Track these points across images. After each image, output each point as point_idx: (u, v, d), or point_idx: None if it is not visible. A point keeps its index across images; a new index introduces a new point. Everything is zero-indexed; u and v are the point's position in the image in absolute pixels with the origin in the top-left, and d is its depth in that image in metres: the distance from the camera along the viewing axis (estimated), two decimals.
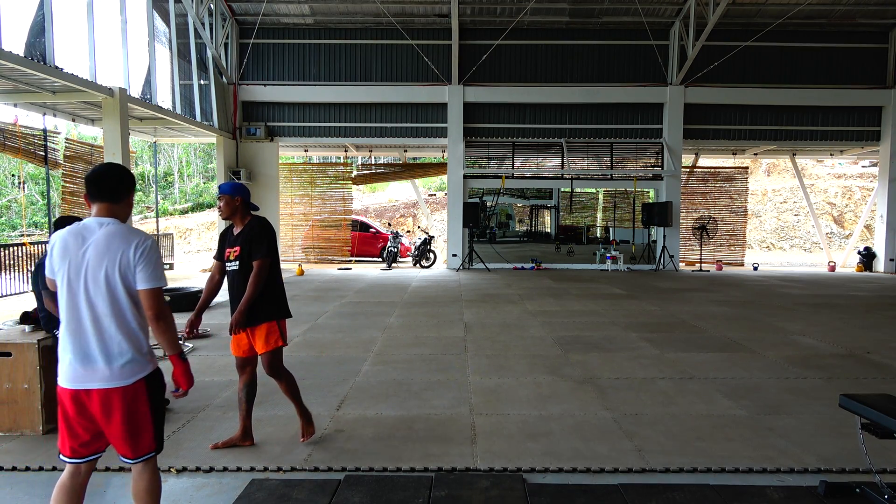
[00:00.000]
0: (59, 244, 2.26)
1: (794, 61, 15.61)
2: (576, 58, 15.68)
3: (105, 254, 2.23)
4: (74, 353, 2.22)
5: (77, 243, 2.24)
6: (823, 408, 4.39)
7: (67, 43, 9.97)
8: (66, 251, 2.24)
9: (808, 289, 11.78)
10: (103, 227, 2.27)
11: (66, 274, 2.24)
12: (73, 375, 2.21)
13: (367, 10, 14.84)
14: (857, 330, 7.47)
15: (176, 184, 35.06)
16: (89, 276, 2.22)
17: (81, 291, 2.23)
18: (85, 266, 2.22)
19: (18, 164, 17.96)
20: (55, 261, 2.26)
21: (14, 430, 3.84)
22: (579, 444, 3.70)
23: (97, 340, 2.22)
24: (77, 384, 2.21)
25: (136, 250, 2.25)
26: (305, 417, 3.74)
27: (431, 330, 7.34)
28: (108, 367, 2.22)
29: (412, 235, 22.37)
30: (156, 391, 2.35)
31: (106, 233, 2.26)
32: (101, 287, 2.23)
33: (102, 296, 2.23)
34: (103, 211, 2.31)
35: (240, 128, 15.61)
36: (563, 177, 15.99)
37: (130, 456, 2.28)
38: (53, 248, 2.27)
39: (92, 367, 2.21)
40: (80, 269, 2.23)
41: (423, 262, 16.42)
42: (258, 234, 3.47)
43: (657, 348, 6.31)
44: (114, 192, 2.33)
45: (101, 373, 2.21)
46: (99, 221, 2.29)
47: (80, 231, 2.27)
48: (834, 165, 28.69)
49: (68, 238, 2.26)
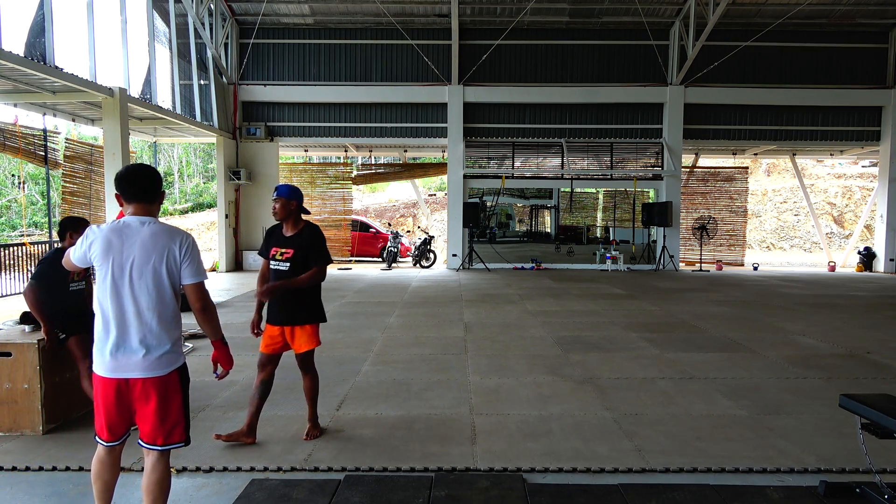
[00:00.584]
0: (102, 242, 2.36)
1: (794, 61, 15.61)
2: (576, 58, 15.67)
3: (152, 251, 2.36)
4: (116, 344, 2.34)
5: (120, 241, 2.36)
6: (823, 408, 4.39)
7: (67, 43, 9.99)
8: (109, 249, 2.35)
9: (808, 289, 11.78)
10: (146, 226, 2.40)
11: (111, 270, 2.34)
12: (114, 365, 2.34)
13: (367, 10, 14.84)
14: (857, 330, 7.47)
15: (176, 184, 35.05)
16: (135, 272, 2.35)
17: (126, 286, 2.35)
18: (130, 262, 2.35)
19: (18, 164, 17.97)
20: (95, 258, 2.36)
21: (14, 430, 3.84)
22: (579, 444, 3.70)
23: (139, 332, 2.35)
24: (117, 373, 2.34)
25: (181, 247, 2.42)
26: (314, 421, 3.85)
27: (431, 330, 7.34)
28: (147, 358, 2.36)
29: (412, 235, 22.37)
30: (186, 382, 2.55)
31: (151, 231, 2.39)
32: (148, 282, 2.36)
33: (147, 290, 2.36)
34: (140, 210, 2.43)
35: (240, 128, 15.61)
36: (563, 177, 15.99)
37: (161, 443, 2.41)
38: (93, 244, 2.37)
39: (132, 358, 2.34)
40: (124, 265, 2.34)
41: (423, 262, 16.42)
42: (319, 244, 3.68)
43: (657, 348, 6.31)
44: (149, 192, 2.46)
45: (141, 363, 2.35)
46: (140, 220, 2.41)
47: (121, 229, 2.38)
48: (834, 165, 28.68)
49: (110, 236, 2.36)
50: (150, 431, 2.40)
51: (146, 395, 2.37)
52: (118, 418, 2.40)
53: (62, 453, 3.51)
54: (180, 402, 2.48)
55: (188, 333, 6.82)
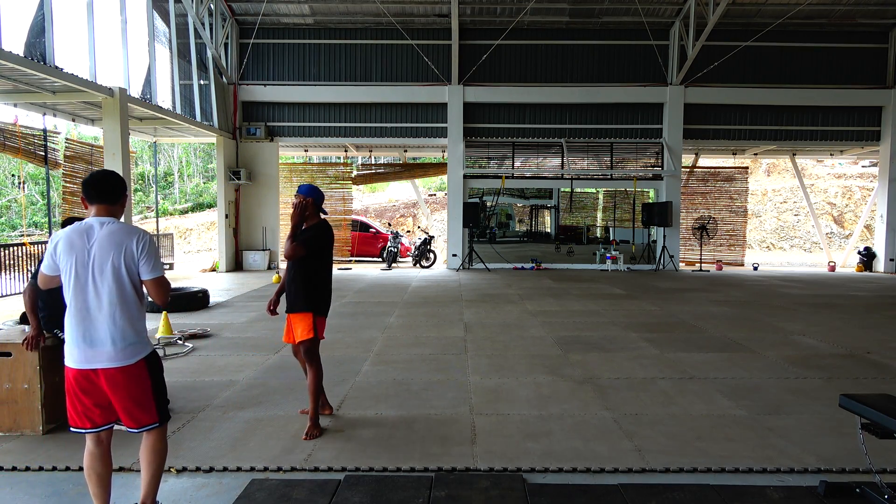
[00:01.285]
0: (65, 241, 2.52)
1: (794, 61, 15.61)
2: (576, 58, 15.67)
3: (110, 248, 2.52)
4: (83, 337, 2.51)
5: (82, 240, 2.52)
6: (823, 408, 4.39)
7: (67, 43, 10.00)
8: (72, 247, 2.51)
9: (808, 289, 11.78)
10: (105, 226, 2.56)
11: (74, 267, 2.51)
12: (82, 357, 2.51)
13: (367, 10, 14.84)
14: (857, 330, 7.47)
15: (176, 184, 35.06)
16: (96, 269, 2.51)
17: (89, 282, 2.51)
18: (91, 260, 2.51)
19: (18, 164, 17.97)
20: (60, 257, 2.52)
21: (14, 430, 3.84)
22: (579, 444, 3.70)
23: (103, 325, 2.51)
24: (86, 364, 2.51)
25: (138, 244, 2.56)
26: (314, 420, 3.86)
27: (431, 330, 7.34)
28: (114, 349, 2.52)
29: (412, 235, 22.37)
30: (155, 369, 2.67)
31: (109, 230, 2.55)
32: (108, 277, 2.52)
33: (108, 285, 2.52)
34: (102, 211, 2.60)
35: (240, 128, 15.61)
36: (563, 177, 15.99)
37: (134, 426, 2.60)
38: (57, 245, 2.53)
39: (99, 350, 2.51)
40: (86, 262, 2.50)
41: (423, 262, 16.42)
42: (313, 235, 3.86)
43: (657, 348, 6.31)
44: (111, 195, 2.62)
45: (108, 354, 2.51)
46: (100, 221, 2.57)
47: (83, 229, 2.54)
48: (834, 165, 28.69)
49: (73, 235, 2.53)
50: (126, 418, 2.58)
51: (116, 385, 2.53)
52: (92, 405, 2.55)
53: (62, 453, 3.51)
54: (150, 387, 2.61)
55: (188, 333, 6.83)
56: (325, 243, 3.92)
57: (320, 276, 3.92)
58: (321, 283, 3.93)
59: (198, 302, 8.86)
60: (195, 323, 7.64)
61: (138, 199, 30.03)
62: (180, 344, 6.46)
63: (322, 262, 3.92)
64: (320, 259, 3.91)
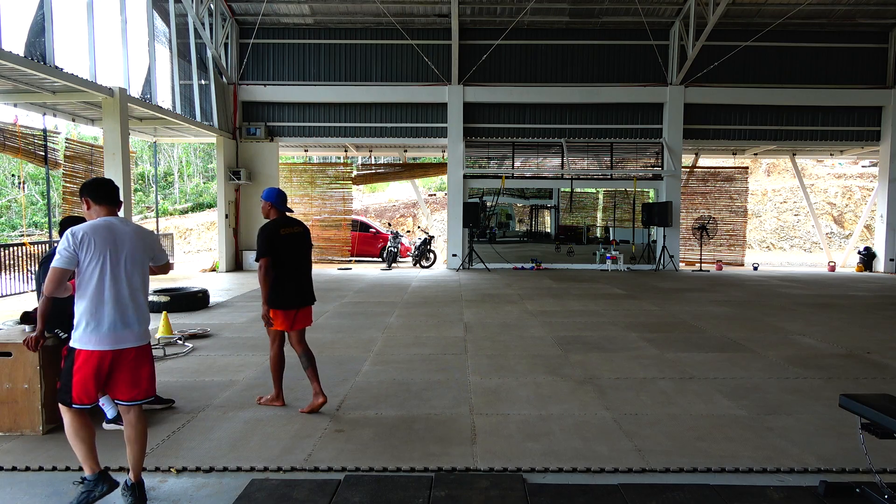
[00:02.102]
0: (91, 235, 2.81)
1: (794, 61, 15.61)
2: (576, 58, 15.67)
3: (141, 243, 2.95)
4: (117, 320, 2.83)
5: (112, 235, 2.86)
6: (823, 408, 4.39)
7: (67, 43, 9.99)
8: (103, 241, 2.82)
9: (808, 289, 11.78)
10: (127, 224, 2.97)
11: (108, 259, 2.82)
12: (116, 339, 2.82)
13: (367, 10, 14.84)
14: (857, 330, 7.47)
15: (176, 184, 35.05)
16: (129, 260, 2.88)
17: (123, 272, 2.86)
18: (125, 252, 2.87)
19: (18, 164, 17.97)
20: (86, 250, 2.78)
21: (14, 430, 3.84)
22: (579, 444, 3.70)
23: (134, 309, 2.90)
24: (117, 345, 2.83)
25: (154, 240, 3.09)
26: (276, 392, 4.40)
27: (431, 330, 7.34)
28: (140, 330, 2.92)
29: (412, 235, 22.37)
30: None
31: (134, 228, 2.98)
32: (139, 268, 2.94)
33: (139, 275, 2.94)
34: (109, 212, 2.95)
35: (240, 128, 15.61)
36: (563, 177, 15.99)
37: (143, 396, 2.94)
38: (81, 239, 2.78)
39: (130, 330, 2.87)
40: (120, 255, 2.86)
41: (423, 262, 16.42)
42: (257, 240, 4.23)
43: (657, 348, 6.31)
44: (115, 197, 3.00)
45: (136, 334, 2.90)
46: (119, 220, 2.95)
47: (107, 226, 2.87)
48: (834, 165, 28.69)
49: (99, 231, 2.84)
50: (130, 390, 2.89)
51: (139, 360, 2.91)
52: (100, 384, 2.85)
53: (62, 453, 3.52)
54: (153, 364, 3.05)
55: (188, 333, 6.83)
56: (268, 243, 4.16)
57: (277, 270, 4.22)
58: (277, 278, 4.22)
59: (198, 302, 8.86)
60: (195, 323, 7.64)
61: (138, 199, 30.02)
62: (180, 344, 6.46)
63: (277, 260, 4.19)
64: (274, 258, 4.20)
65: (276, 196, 4.32)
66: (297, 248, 4.32)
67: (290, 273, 4.26)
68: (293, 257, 4.28)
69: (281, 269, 4.22)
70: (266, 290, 4.16)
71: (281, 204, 4.33)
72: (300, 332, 4.38)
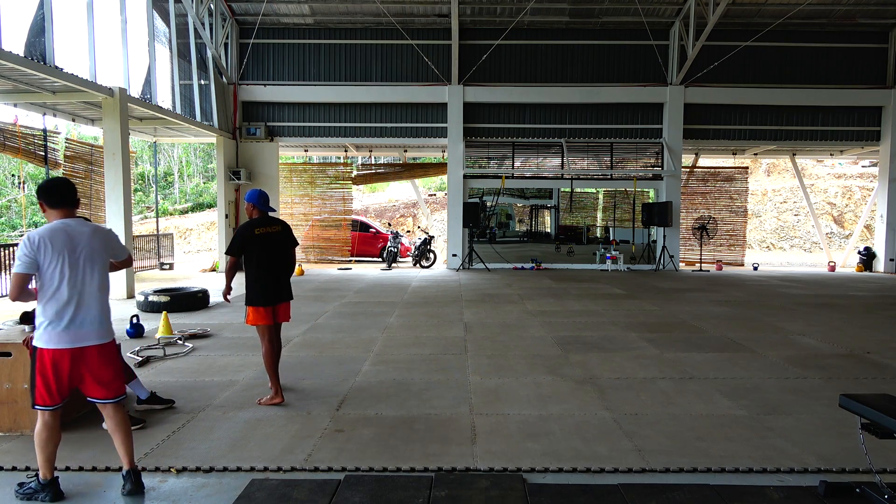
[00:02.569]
0: (51, 240, 2.87)
1: (794, 61, 15.61)
2: (576, 58, 15.67)
3: (100, 244, 3.02)
4: (77, 319, 2.89)
5: (68, 237, 2.92)
6: (823, 408, 4.39)
7: (67, 43, 9.97)
8: (62, 244, 2.89)
9: (808, 289, 11.78)
10: (86, 225, 3.02)
11: (67, 260, 2.89)
12: (74, 337, 2.88)
13: (367, 10, 14.84)
14: (857, 330, 7.47)
15: (176, 184, 35.06)
16: (87, 261, 2.95)
17: (81, 272, 2.92)
18: (83, 252, 2.93)
19: (18, 164, 17.96)
20: (45, 254, 2.85)
21: (14, 430, 3.84)
22: (579, 444, 3.70)
23: (94, 308, 2.96)
24: (78, 343, 2.89)
25: (112, 239, 3.15)
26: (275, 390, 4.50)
27: (431, 330, 7.34)
28: (102, 328, 2.99)
29: (412, 235, 22.37)
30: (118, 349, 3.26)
31: (92, 228, 3.04)
32: (98, 268, 3.00)
33: (98, 275, 3.00)
34: (69, 214, 3.01)
35: (240, 128, 15.61)
36: (563, 177, 15.99)
37: (113, 396, 3.02)
38: (38, 244, 2.85)
39: (91, 328, 2.93)
40: (77, 255, 2.92)
41: (423, 262, 16.42)
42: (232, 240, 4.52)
43: (657, 348, 6.31)
44: (74, 200, 3.05)
45: (98, 332, 2.97)
46: (77, 221, 3.01)
47: (64, 228, 2.93)
48: (834, 165, 28.68)
49: (58, 234, 2.90)
50: (102, 389, 2.99)
51: (104, 359, 2.99)
52: (65, 383, 2.92)
53: (62, 453, 3.50)
54: (120, 363, 3.19)
55: (188, 333, 6.83)
56: (238, 242, 4.42)
57: (248, 268, 4.48)
58: (249, 276, 4.47)
59: (198, 302, 8.87)
60: (195, 323, 7.64)
61: (138, 199, 30.02)
62: (180, 344, 6.46)
63: (248, 258, 4.46)
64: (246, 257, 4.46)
65: (258, 197, 4.54)
66: (273, 246, 4.50)
67: (265, 270, 4.46)
68: (269, 255, 4.46)
69: (257, 267, 4.43)
70: (228, 282, 4.53)
71: (263, 204, 4.54)
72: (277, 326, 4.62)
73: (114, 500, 3.00)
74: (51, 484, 2.98)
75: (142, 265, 14.77)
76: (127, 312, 7.72)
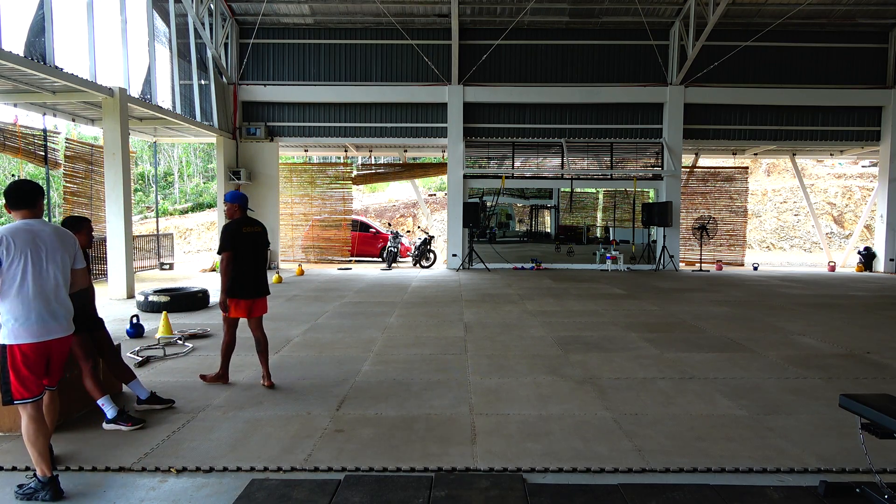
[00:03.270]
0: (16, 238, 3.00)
1: (794, 61, 15.61)
2: (576, 58, 15.67)
3: (61, 243, 3.17)
4: (43, 313, 3.04)
5: (31, 236, 3.06)
6: (823, 408, 4.39)
7: (67, 43, 9.98)
8: (25, 243, 3.02)
9: (808, 289, 11.78)
10: (47, 226, 3.17)
11: (29, 258, 3.02)
12: (43, 331, 3.03)
13: (367, 10, 14.84)
14: (857, 330, 7.47)
15: (176, 184, 35.06)
16: (50, 258, 3.09)
17: (44, 269, 3.07)
18: (45, 251, 3.08)
19: (18, 164, 17.96)
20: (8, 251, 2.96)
21: (14, 430, 3.84)
22: (579, 444, 3.70)
23: (57, 302, 3.12)
24: (45, 336, 3.04)
25: (73, 243, 3.29)
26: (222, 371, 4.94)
27: (431, 330, 7.34)
28: (66, 321, 3.17)
29: (412, 235, 22.37)
30: None
31: (53, 229, 3.19)
32: (59, 266, 3.14)
33: (60, 272, 3.14)
34: (30, 215, 3.13)
35: (240, 128, 15.61)
36: (563, 177, 15.99)
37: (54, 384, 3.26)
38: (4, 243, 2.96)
39: (56, 322, 3.10)
40: (40, 253, 3.06)
41: (423, 262, 16.42)
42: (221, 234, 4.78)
43: (657, 348, 6.31)
44: (36, 201, 3.16)
45: (63, 326, 3.14)
46: (39, 222, 3.15)
47: (26, 229, 3.07)
48: (834, 165, 28.69)
49: (21, 234, 3.03)
50: (56, 377, 3.24)
51: (63, 350, 3.20)
52: (39, 375, 3.08)
53: (61, 454, 3.52)
54: None
55: (188, 333, 6.83)
56: (231, 239, 4.71)
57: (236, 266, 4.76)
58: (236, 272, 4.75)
59: (198, 302, 8.86)
60: (195, 323, 7.64)
61: (138, 200, 30.02)
62: (180, 344, 6.46)
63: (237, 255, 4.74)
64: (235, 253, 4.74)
65: (240, 199, 4.87)
66: (255, 245, 4.86)
67: (248, 267, 4.81)
68: (251, 253, 4.83)
69: (241, 263, 4.76)
70: (226, 281, 4.71)
71: (244, 205, 4.90)
72: (258, 319, 4.97)
73: (114, 500, 3.00)
74: (51, 482, 3.00)
75: (142, 265, 14.77)
76: (127, 312, 7.72)
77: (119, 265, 10.04)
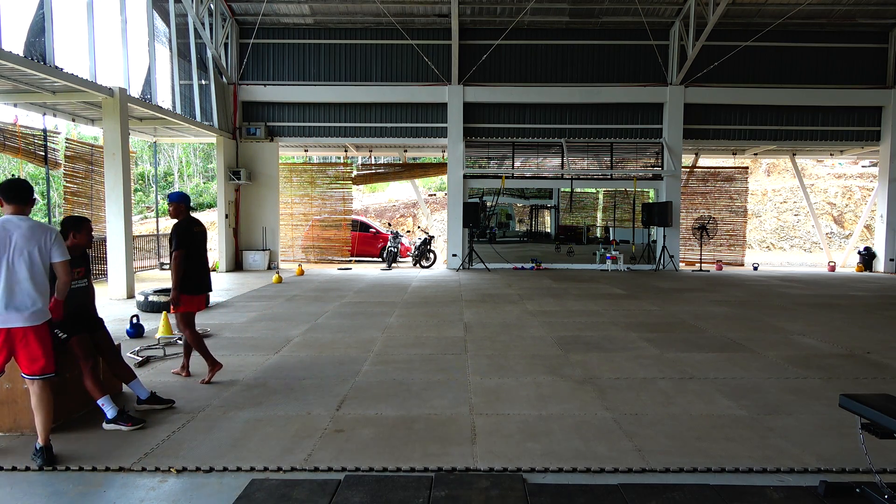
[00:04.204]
0: None
1: (794, 61, 15.61)
2: (576, 58, 15.67)
3: (31, 239, 3.35)
4: (6, 303, 3.29)
5: (5, 231, 3.30)
6: (823, 408, 4.39)
7: (67, 43, 9.99)
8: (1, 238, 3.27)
9: (808, 289, 11.78)
10: (25, 222, 3.38)
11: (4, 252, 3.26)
12: (5, 319, 3.29)
13: (367, 10, 14.84)
14: (857, 330, 7.47)
15: (176, 184, 35.05)
16: (16, 253, 3.31)
17: (13, 262, 3.30)
18: (14, 245, 3.30)
19: (18, 164, 17.96)
20: None
21: (14, 430, 3.84)
22: (579, 444, 3.70)
23: (22, 294, 3.32)
24: (6, 324, 3.30)
25: (49, 237, 3.43)
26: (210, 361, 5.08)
27: (431, 330, 7.34)
28: (28, 312, 3.34)
29: (412, 235, 22.37)
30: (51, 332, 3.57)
31: (29, 225, 3.38)
32: (26, 260, 3.33)
33: (25, 266, 3.33)
34: (17, 210, 3.40)
35: (240, 128, 15.61)
36: (563, 177, 15.99)
37: (39, 373, 3.39)
38: None
39: (18, 312, 3.31)
40: (10, 246, 3.30)
41: (423, 262, 16.42)
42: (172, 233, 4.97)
43: (657, 348, 6.31)
44: (24, 198, 3.43)
45: (24, 316, 3.33)
46: (19, 218, 3.39)
47: (3, 224, 3.33)
48: (834, 165, 28.68)
49: None
50: (29, 366, 3.38)
51: (30, 339, 3.36)
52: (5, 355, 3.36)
53: (62, 453, 3.51)
54: (50, 344, 3.47)
55: None
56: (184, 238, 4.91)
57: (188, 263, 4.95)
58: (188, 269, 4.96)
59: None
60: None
61: (138, 199, 30.02)
62: (180, 344, 6.45)
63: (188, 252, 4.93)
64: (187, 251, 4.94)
65: (186, 199, 5.11)
66: (202, 244, 5.15)
67: (201, 264, 5.09)
68: (200, 251, 5.10)
69: (191, 260, 4.98)
70: (178, 278, 4.89)
71: (188, 205, 5.17)
72: None
73: (114, 500, 3.00)
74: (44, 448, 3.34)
75: (142, 265, 14.78)
76: (127, 312, 7.72)
77: (119, 265, 10.04)
